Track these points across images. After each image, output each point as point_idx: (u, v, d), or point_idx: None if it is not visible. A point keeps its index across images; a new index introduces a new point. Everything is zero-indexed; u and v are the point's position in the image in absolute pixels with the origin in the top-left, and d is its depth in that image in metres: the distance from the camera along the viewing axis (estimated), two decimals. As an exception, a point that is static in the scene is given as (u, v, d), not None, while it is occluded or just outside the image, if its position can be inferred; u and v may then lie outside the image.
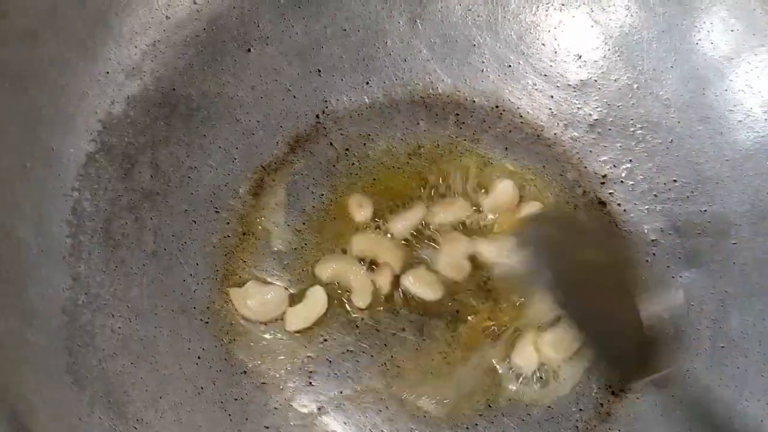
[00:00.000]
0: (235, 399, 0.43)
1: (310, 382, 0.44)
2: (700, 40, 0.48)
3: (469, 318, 0.46)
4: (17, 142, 0.40)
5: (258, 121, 0.49)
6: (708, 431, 0.41)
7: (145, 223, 0.45)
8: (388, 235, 0.47)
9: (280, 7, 0.49)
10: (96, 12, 0.43)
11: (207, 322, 0.45)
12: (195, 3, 0.47)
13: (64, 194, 0.42)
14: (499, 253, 0.45)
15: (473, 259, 0.47)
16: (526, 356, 0.44)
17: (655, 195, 0.48)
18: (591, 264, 0.42)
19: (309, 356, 0.45)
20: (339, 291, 0.46)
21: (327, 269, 0.46)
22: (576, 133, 0.50)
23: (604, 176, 0.49)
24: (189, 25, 0.47)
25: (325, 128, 0.49)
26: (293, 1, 0.49)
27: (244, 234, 0.47)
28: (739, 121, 0.47)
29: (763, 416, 0.42)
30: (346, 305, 0.45)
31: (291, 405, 0.44)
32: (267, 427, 0.43)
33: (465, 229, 0.47)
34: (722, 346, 0.44)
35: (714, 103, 0.47)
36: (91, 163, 0.43)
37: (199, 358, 0.43)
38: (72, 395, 0.39)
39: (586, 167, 0.49)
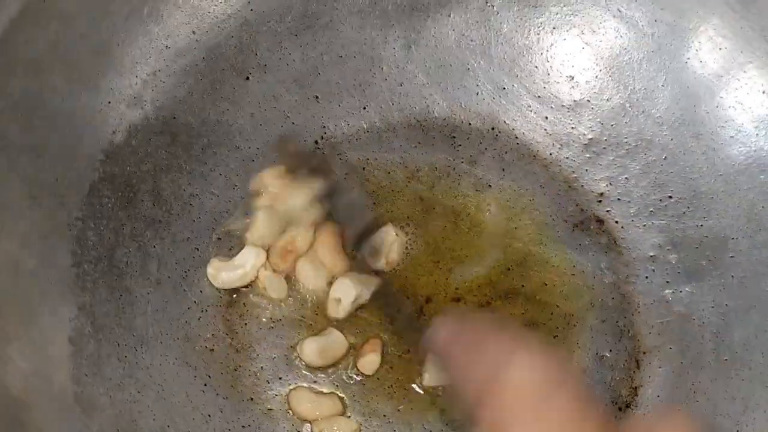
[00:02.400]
0: (243, 426, 0.43)
1: (318, 407, 0.44)
2: (689, 59, 0.49)
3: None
4: (24, 172, 0.40)
5: (258, 148, 0.49)
6: None
7: (148, 251, 0.45)
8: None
9: (278, 36, 0.50)
10: (97, 43, 0.43)
11: (212, 350, 0.44)
12: (194, 33, 0.47)
13: (69, 224, 0.42)
14: None
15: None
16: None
17: (652, 211, 0.49)
18: None
19: (316, 381, 0.44)
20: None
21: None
22: (571, 153, 0.50)
23: (601, 194, 0.50)
24: (188, 54, 0.47)
25: (324, 154, 0.50)
26: (290, 30, 0.50)
27: (246, 260, 0.47)
28: (731, 136, 0.48)
29: (770, 427, 0.42)
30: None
31: (299, 431, 0.43)
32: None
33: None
34: (726, 359, 0.44)
35: (706, 120, 0.48)
36: (94, 192, 0.43)
37: (205, 385, 0.43)
38: (81, 425, 0.38)
39: (582, 186, 0.50)
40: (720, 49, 0.48)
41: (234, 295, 0.46)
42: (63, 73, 0.42)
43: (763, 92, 0.47)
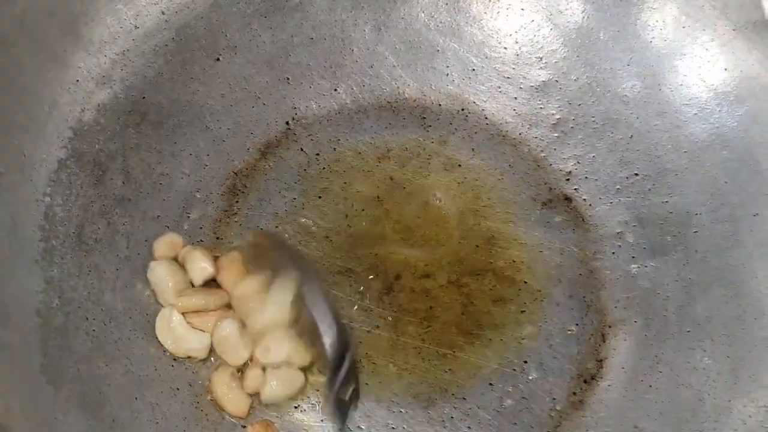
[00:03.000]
0: (212, 400, 0.43)
1: (286, 381, 0.44)
2: (653, 38, 0.50)
3: (441, 314, 0.46)
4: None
5: (228, 128, 0.49)
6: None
7: (117, 228, 0.45)
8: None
9: (247, 17, 0.50)
10: (65, 21, 0.44)
11: (182, 325, 0.45)
12: (163, 13, 0.48)
13: (37, 199, 0.42)
14: None
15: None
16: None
17: (619, 189, 0.49)
18: None
19: (284, 356, 0.45)
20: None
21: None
22: (540, 133, 0.51)
23: (569, 173, 0.50)
24: (158, 34, 0.48)
25: (295, 134, 0.50)
26: (260, 11, 0.50)
27: (217, 239, 0.47)
28: (695, 114, 0.49)
29: (731, 396, 0.43)
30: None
31: (264, 404, 0.44)
32: (244, 427, 0.43)
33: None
34: (688, 331, 0.45)
35: (670, 98, 0.49)
36: (63, 169, 0.44)
37: (174, 360, 0.43)
38: (47, 395, 0.39)
39: (551, 164, 0.51)
40: (683, 27, 0.49)
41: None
42: (30, 51, 0.42)
43: (725, 69, 0.48)
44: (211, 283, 0.45)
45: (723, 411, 0.42)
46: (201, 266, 0.44)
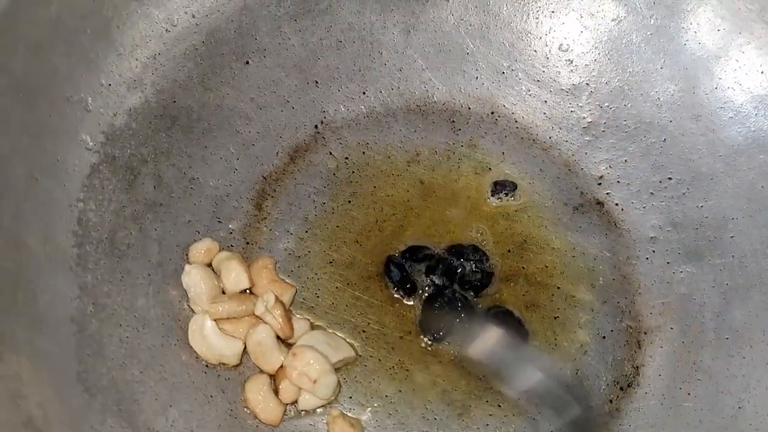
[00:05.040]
0: (245, 407, 0.43)
1: (320, 388, 0.44)
2: (687, 41, 0.49)
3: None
4: (26, 152, 0.40)
5: (258, 132, 0.49)
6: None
7: (149, 233, 0.45)
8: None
9: (277, 21, 0.50)
10: (98, 25, 0.43)
11: (214, 331, 0.44)
12: (193, 17, 0.48)
13: (70, 205, 0.42)
14: None
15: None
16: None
17: (652, 193, 0.49)
18: None
19: (317, 362, 0.44)
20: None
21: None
22: (571, 136, 0.51)
23: (601, 177, 0.50)
24: (188, 38, 0.48)
25: (324, 138, 0.50)
26: (289, 15, 0.50)
27: (247, 243, 0.47)
28: (730, 117, 0.48)
29: (772, 404, 0.42)
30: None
31: (301, 411, 0.43)
32: (279, 435, 0.42)
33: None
34: (727, 338, 0.45)
35: (704, 101, 0.49)
36: (95, 174, 0.44)
37: (207, 366, 0.43)
38: (83, 403, 0.38)
39: (582, 169, 0.50)
40: (718, 30, 0.48)
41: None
42: (64, 54, 0.42)
43: (762, 72, 0.47)
44: (244, 290, 0.45)
45: (764, 419, 0.42)
46: (236, 277, 0.44)
